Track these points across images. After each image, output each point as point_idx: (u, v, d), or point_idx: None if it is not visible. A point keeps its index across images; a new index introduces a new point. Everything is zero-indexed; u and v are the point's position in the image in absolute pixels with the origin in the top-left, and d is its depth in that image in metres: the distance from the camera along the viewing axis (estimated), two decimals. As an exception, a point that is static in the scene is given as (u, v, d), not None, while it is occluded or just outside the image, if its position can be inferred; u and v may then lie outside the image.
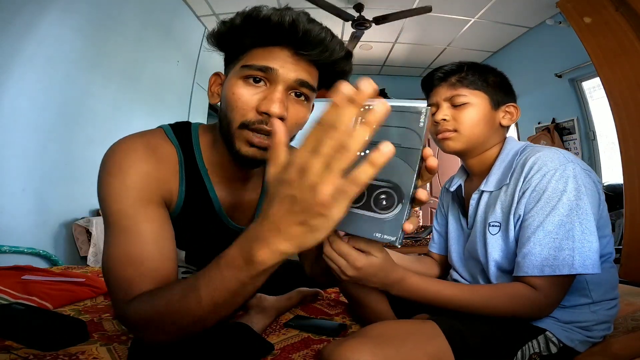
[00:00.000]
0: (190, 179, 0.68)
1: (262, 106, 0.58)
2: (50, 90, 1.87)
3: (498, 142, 0.85)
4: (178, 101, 3.27)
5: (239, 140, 0.61)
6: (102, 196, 0.60)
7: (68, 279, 1.31)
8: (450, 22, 3.45)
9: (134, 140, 0.64)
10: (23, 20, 1.67)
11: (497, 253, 0.77)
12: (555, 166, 0.70)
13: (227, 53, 0.67)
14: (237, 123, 0.60)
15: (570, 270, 0.65)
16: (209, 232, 0.73)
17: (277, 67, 0.59)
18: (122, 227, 0.57)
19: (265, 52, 0.60)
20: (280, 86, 0.59)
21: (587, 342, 0.74)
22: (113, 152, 0.62)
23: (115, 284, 0.56)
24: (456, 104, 0.82)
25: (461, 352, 0.66)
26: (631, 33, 2.15)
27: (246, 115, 0.59)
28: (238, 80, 0.60)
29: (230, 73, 0.63)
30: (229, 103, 0.61)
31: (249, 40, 0.61)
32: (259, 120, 0.59)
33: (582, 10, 2.40)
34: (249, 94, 0.59)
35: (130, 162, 0.60)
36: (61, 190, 1.98)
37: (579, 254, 0.65)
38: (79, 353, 0.75)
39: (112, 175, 0.60)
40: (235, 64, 0.63)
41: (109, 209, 0.59)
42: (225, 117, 0.62)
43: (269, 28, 0.58)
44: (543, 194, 0.69)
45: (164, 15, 2.88)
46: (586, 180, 0.70)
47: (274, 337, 0.90)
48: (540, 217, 0.69)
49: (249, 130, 0.60)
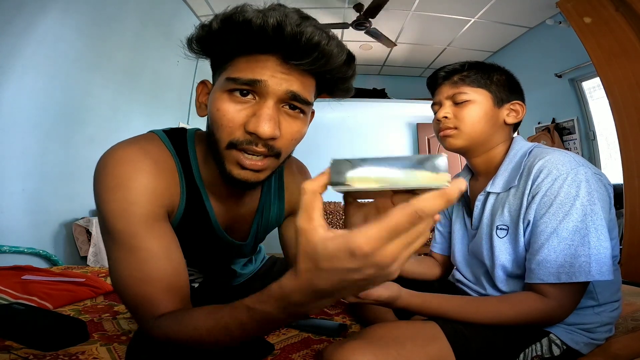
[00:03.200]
0: (189, 191, 0.64)
1: (249, 125, 0.51)
2: (50, 90, 1.87)
3: (503, 140, 0.85)
4: (178, 101, 3.26)
5: (228, 162, 0.55)
6: (103, 213, 0.55)
7: (68, 279, 1.31)
8: (450, 22, 3.45)
9: (130, 149, 0.57)
10: (23, 20, 1.67)
11: (504, 257, 0.77)
12: (566, 170, 0.69)
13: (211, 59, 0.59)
14: (224, 143, 0.54)
15: (587, 277, 0.64)
16: (206, 243, 0.71)
17: (265, 78, 0.51)
18: (131, 247, 0.54)
19: (251, 62, 0.51)
20: (270, 100, 0.52)
21: (591, 344, 0.74)
22: (109, 163, 0.56)
23: (135, 302, 0.54)
24: (458, 102, 0.82)
25: (463, 353, 0.65)
26: (631, 33, 2.15)
27: (233, 134, 0.53)
28: (223, 94, 0.53)
29: (215, 84, 0.56)
30: (214, 120, 0.54)
31: (232, 48, 0.52)
32: (248, 140, 0.52)
33: (582, 10, 2.40)
34: (235, 110, 0.52)
35: (130, 175, 0.55)
36: (61, 190, 1.98)
37: (596, 260, 0.64)
38: (79, 353, 0.75)
39: (111, 190, 0.54)
40: (219, 74, 0.56)
41: (113, 227, 0.54)
42: (213, 135, 0.55)
43: (252, 34, 0.48)
44: (555, 199, 0.68)
45: (164, 15, 2.88)
46: (597, 184, 0.69)
47: (273, 337, 0.90)
48: (553, 223, 0.68)
49: (237, 151, 0.53)
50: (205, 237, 0.70)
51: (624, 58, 2.22)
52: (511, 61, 3.74)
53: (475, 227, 0.86)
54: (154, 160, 0.58)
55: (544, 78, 3.33)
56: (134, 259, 0.54)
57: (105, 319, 1.00)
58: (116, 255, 0.55)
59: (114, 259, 0.55)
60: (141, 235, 0.54)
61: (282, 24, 0.47)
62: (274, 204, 0.76)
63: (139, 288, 0.53)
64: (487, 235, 0.81)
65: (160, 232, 0.56)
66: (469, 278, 0.89)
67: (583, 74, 3.06)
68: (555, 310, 0.67)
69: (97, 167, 0.57)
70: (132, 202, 0.54)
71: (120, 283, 0.55)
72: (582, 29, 2.43)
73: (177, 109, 3.24)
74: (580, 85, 3.18)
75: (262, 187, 0.75)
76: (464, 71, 0.83)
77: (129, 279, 0.54)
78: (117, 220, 0.54)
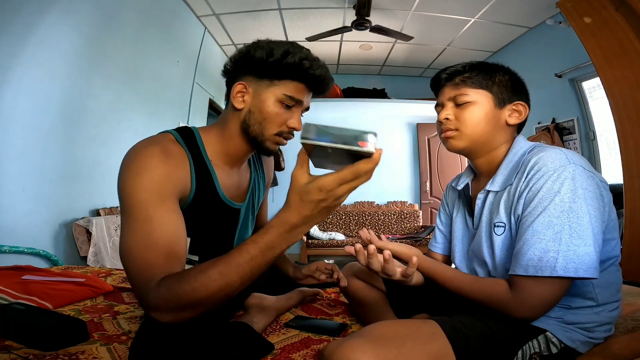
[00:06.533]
0: (198, 172, 0.82)
1: (291, 124, 0.84)
2: (50, 90, 1.87)
3: (505, 141, 0.84)
4: (178, 101, 3.26)
5: (270, 141, 0.84)
6: (128, 190, 0.70)
7: (68, 279, 1.31)
8: (450, 22, 3.45)
9: (152, 146, 0.76)
10: (23, 20, 1.67)
11: (503, 253, 0.77)
12: (554, 167, 0.69)
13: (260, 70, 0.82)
14: (274, 131, 0.83)
15: (551, 272, 0.65)
16: (213, 213, 0.87)
17: (304, 101, 0.84)
18: (145, 217, 0.68)
19: (299, 88, 0.82)
20: (300, 111, 0.86)
21: (589, 343, 0.74)
22: (137, 155, 0.74)
23: (139, 267, 0.66)
24: (459, 103, 0.83)
25: (462, 351, 0.66)
26: (631, 33, 2.15)
27: (281, 127, 0.84)
28: (276, 101, 0.82)
29: (265, 91, 0.82)
30: (266, 115, 0.82)
31: (291, 75, 0.81)
32: (288, 132, 0.85)
33: (582, 10, 2.40)
34: (284, 114, 0.83)
35: (154, 163, 0.72)
36: (61, 190, 1.98)
37: (564, 257, 0.64)
38: (78, 353, 0.75)
39: (139, 173, 0.71)
40: (269, 84, 0.82)
41: (134, 200, 0.69)
42: (259, 123, 0.83)
43: (316, 80, 0.83)
44: (537, 194, 0.69)
45: (164, 15, 2.88)
46: (587, 182, 0.69)
47: (274, 337, 0.91)
48: (531, 217, 0.69)
49: (281, 138, 0.85)
50: (213, 206, 0.86)
51: (624, 58, 2.21)
52: (511, 61, 3.73)
53: (476, 227, 0.86)
54: (169, 153, 0.77)
55: (544, 78, 3.33)
56: (146, 227, 0.68)
57: (105, 319, 1.00)
58: (131, 225, 0.69)
59: (129, 228, 0.69)
60: (155, 208, 0.69)
61: (327, 79, 0.85)
62: (260, 176, 1.04)
63: (145, 253, 0.66)
64: (486, 234, 0.81)
65: (170, 207, 0.72)
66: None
67: (583, 74, 3.06)
68: (512, 303, 0.69)
69: (125, 159, 0.74)
70: (153, 181, 0.71)
71: (129, 250, 0.68)
72: (582, 29, 2.43)
73: (177, 108, 3.24)
74: (580, 85, 3.18)
75: (250, 164, 1.00)
76: (465, 72, 0.83)
77: (137, 245, 0.67)
78: (140, 194, 0.70)
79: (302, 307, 1.16)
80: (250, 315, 0.96)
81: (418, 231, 4.28)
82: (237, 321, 0.89)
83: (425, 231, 4.09)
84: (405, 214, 4.45)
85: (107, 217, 2.17)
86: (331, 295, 1.30)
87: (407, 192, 4.76)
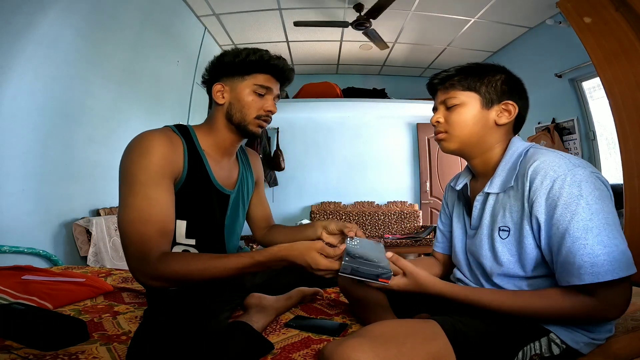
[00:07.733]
0: (191, 159, 0.95)
1: (267, 107, 1.00)
2: (50, 90, 1.87)
3: (499, 141, 0.85)
4: (178, 101, 3.26)
5: (252, 125, 1.00)
6: (132, 170, 0.83)
7: (68, 279, 1.31)
8: (450, 22, 3.45)
9: (154, 133, 0.90)
10: (23, 20, 1.66)
11: (506, 257, 0.77)
12: (563, 171, 0.69)
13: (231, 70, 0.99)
14: (253, 115, 0.99)
15: (612, 275, 0.63)
16: (206, 196, 0.98)
17: (273, 89, 1.01)
18: (144, 195, 0.81)
19: (266, 78, 1.00)
20: (273, 97, 1.02)
21: (592, 344, 0.73)
22: (141, 140, 0.88)
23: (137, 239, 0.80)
24: (449, 106, 0.85)
25: (463, 351, 0.66)
26: (631, 33, 2.15)
27: (259, 112, 0.99)
28: (250, 91, 0.98)
29: (239, 85, 0.99)
30: (244, 103, 0.98)
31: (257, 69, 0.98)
32: (265, 115, 1.01)
33: (582, 10, 2.40)
34: (259, 101, 0.99)
35: (154, 146, 0.86)
36: (61, 190, 1.98)
37: (611, 257, 0.64)
38: (78, 353, 0.75)
39: (141, 155, 0.84)
40: (242, 80, 0.99)
41: (136, 179, 0.82)
42: (240, 112, 0.99)
43: (277, 69, 1.00)
44: (559, 200, 0.68)
45: (163, 15, 2.88)
46: (597, 182, 0.69)
47: (274, 337, 0.90)
48: (562, 224, 0.67)
49: (260, 120, 1.00)
50: (206, 191, 0.98)
51: (624, 58, 2.21)
52: (511, 61, 3.74)
53: (474, 227, 0.87)
54: (168, 139, 0.91)
55: (544, 78, 3.33)
56: (144, 203, 0.81)
57: (105, 319, 1.00)
58: (131, 201, 0.82)
59: (128, 204, 0.82)
60: (153, 187, 0.83)
61: (289, 71, 1.04)
62: (247, 171, 1.17)
63: (143, 226, 0.80)
64: (487, 237, 0.81)
65: (165, 187, 0.86)
66: (469, 277, 0.89)
67: (583, 74, 3.06)
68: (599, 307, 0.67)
69: (130, 144, 0.88)
70: (154, 163, 0.84)
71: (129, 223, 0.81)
72: (582, 29, 2.43)
73: (177, 108, 3.24)
74: (580, 85, 3.18)
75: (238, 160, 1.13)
76: (455, 76, 0.85)
77: (136, 219, 0.80)
78: (142, 173, 0.83)
79: (302, 307, 1.16)
80: (249, 315, 0.96)
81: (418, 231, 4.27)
82: (237, 321, 0.89)
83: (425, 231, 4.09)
84: (405, 214, 4.44)
85: (107, 217, 2.17)
86: (331, 295, 1.30)
87: (407, 192, 4.76)
